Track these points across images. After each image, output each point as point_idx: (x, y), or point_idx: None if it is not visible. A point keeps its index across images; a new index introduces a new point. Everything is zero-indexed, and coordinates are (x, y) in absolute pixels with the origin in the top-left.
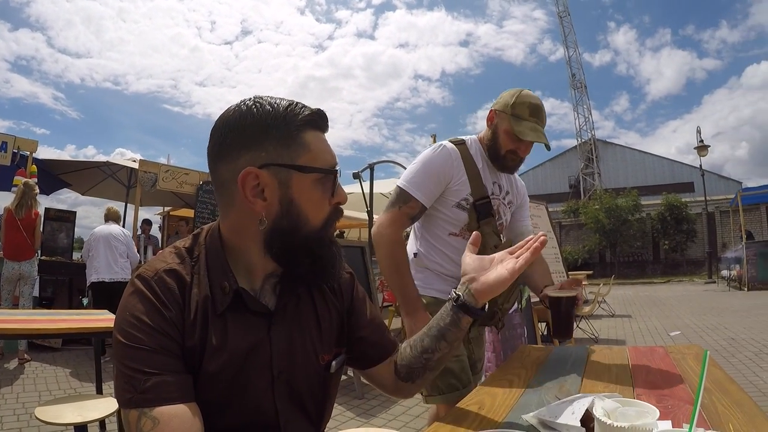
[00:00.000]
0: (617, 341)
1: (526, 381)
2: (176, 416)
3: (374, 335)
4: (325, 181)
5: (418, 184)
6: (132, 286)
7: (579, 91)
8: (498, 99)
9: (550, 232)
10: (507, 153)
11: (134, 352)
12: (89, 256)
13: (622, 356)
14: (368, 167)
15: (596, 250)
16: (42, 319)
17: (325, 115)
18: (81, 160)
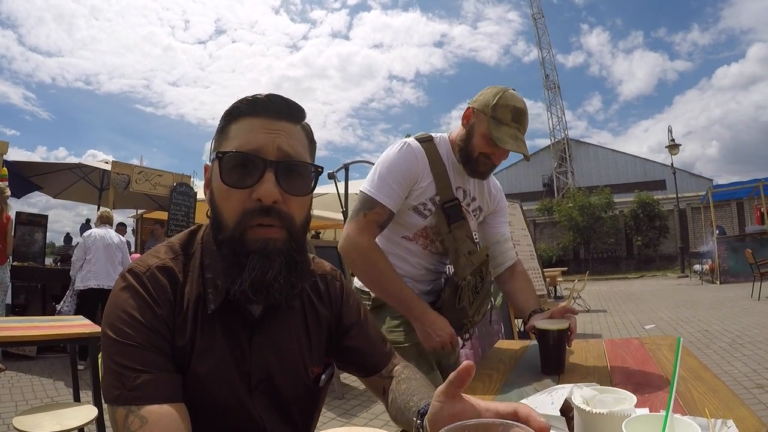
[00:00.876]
0: (593, 335)
1: (505, 375)
2: (164, 416)
3: (363, 347)
4: (233, 171)
5: (383, 187)
6: (123, 281)
7: (552, 91)
8: (478, 96)
9: (524, 230)
10: (480, 156)
11: (124, 348)
12: (86, 260)
13: (598, 349)
14: (343, 167)
15: (570, 247)
16: (15, 326)
17: (263, 99)
18: (52, 162)
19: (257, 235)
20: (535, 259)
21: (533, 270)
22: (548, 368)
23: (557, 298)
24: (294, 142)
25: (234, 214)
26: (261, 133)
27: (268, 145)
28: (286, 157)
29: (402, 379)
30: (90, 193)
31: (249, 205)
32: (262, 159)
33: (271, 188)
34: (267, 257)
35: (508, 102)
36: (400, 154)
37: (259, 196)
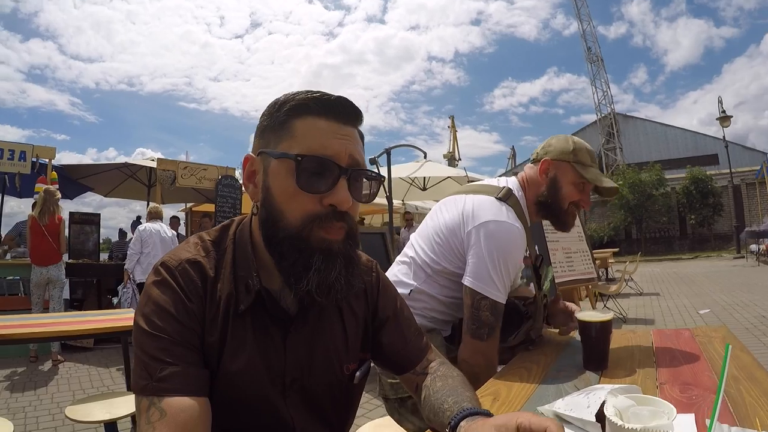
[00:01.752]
0: (646, 320)
1: (545, 369)
2: (184, 410)
3: (397, 342)
4: (309, 175)
5: (506, 285)
6: (156, 274)
7: (596, 65)
8: (546, 148)
9: None
10: (570, 206)
11: (154, 340)
12: (143, 253)
13: (646, 339)
14: (384, 152)
15: (622, 227)
16: (71, 321)
17: (333, 100)
18: (100, 164)
19: (323, 236)
20: (583, 241)
21: (582, 252)
22: (590, 363)
23: (609, 280)
24: (359, 148)
25: (301, 215)
26: (334, 139)
27: (341, 151)
28: (356, 164)
29: (438, 376)
30: (139, 190)
31: (319, 209)
32: (338, 166)
33: (347, 196)
34: (331, 258)
35: (584, 145)
36: (517, 246)
37: (334, 203)
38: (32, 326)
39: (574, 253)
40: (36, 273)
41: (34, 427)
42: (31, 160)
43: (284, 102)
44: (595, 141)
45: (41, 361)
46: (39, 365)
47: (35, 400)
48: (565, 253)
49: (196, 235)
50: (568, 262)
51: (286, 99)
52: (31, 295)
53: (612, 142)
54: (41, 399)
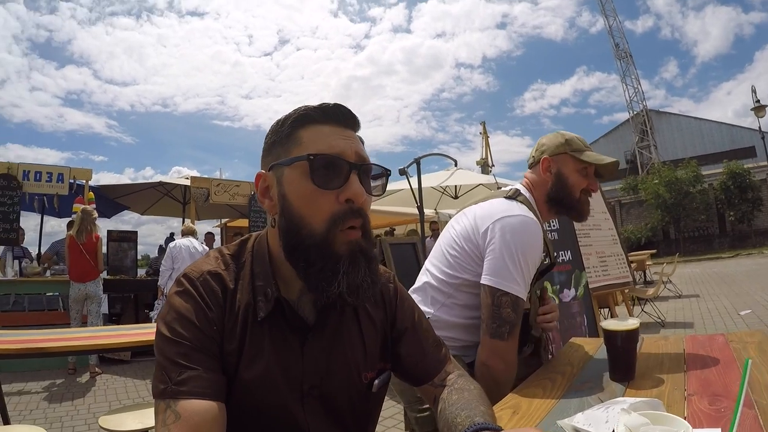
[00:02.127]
0: (684, 324)
1: (570, 380)
2: (199, 413)
3: (415, 353)
4: (323, 172)
5: (526, 280)
6: (179, 285)
7: (625, 61)
8: (540, 148)
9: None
10: (582, 194)
11: (174, 346)
12: (174, 269)
13: (677, 347)
14: (414, 162)
15: (659, 227)
16: (108, 334)
17: (332, 107)
18: (135, 183)
19: (346, 238)
20: (617, 244)
21: (616, 255)
22: (616, 373)
23: (647, 283)
24: (362, 147)
25: (323, 217)
26: (339, 139)
27: (347, 149)
28: (363, 160)
29: (455, 389)
30: (174, 208)
31: (338, 208)
32: (347, 161)
33: (361, 189)
34: (355, 259)
35: (573, 135)
36: (533, 236)
37: (350, 196)
38: (70, 340)
39: (608, 256)
40: (74, 289)
41: None
42: (68, 181)
43: (287, 117)
44: (629, 140)
45: (79, 373)
46: (77, 377)
47: (72, 410)
48: (599, 257)
49: (216, 249)
50: (602, 267)
51: (289, 114)
52: (70, 310)
53: (646, 140)
54: (78, 409)
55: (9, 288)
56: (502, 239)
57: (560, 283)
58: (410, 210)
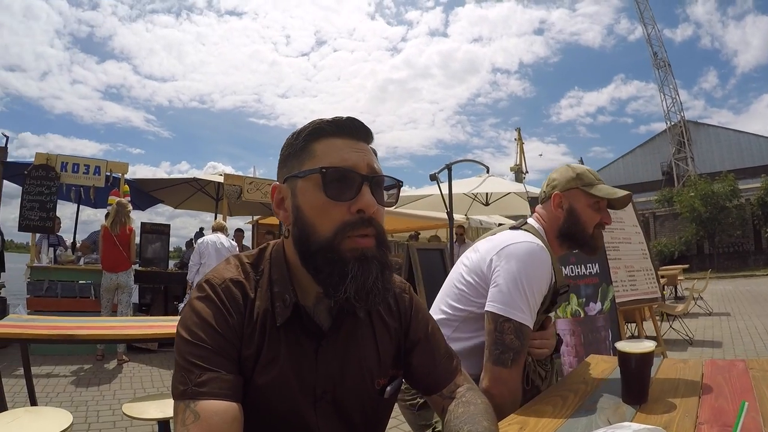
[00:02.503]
0: (713, 343)
1: (582, 399)
2: (217, 413)
3: (426, 364)
4: (335, 185)
5: (532, 308)
6: (200, 290)
7: (663, 70)
8: (550, 183)
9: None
10: (595, 230)
11: (194, 349)
12: (201, 263)
13: (696, 371)
14: (445, 167)
15: (693, 241)
16: (137, 325)
17: (345, 121)
18: (170, 178)
19: (355, 244)
20: (647, 259)
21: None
22: (629, 396)
23: (677, 299)
24: (375, 159)
25: (333, 225)
26: (351, 152)
27: (359, 162)
28: (375, 172)
29: (462, 401)
30: (207, 203)
31: (349, 217)
32: (359, 174)
33: (372, 200)
34: (366, 264)
35: (583, 169)
36: (539, 263)
37: (361, 207)
38: (100, 328)
39: (637, 271)
40: (106, 278)
41: (94, 420)
42: (105, 174)
43: (302, 130)
44: (665, 151)
45: (107, 360)
46: (105, 363)
47: (98, 395)
48: (627, 272)
49: (235, 257)
50: (630, 281)
51: (303, 128)
52: (101, 298)
53: (683, 151)
54: (104, 395)
55: (43, 274)
56: (507, 267)
57: (587, 296)
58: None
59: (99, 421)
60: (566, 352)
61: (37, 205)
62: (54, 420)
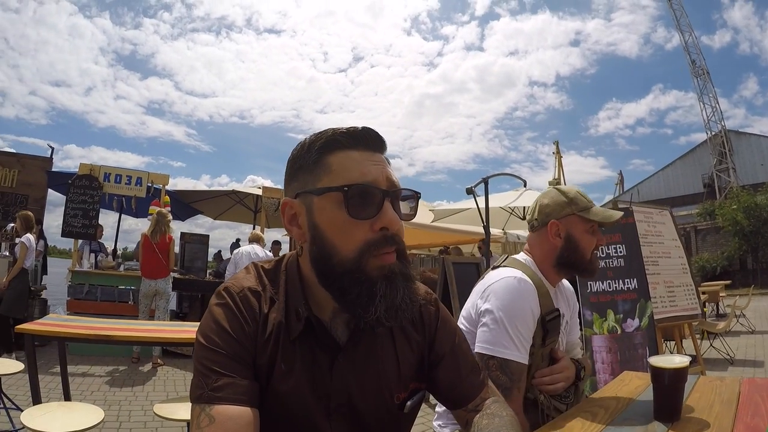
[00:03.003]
0: (755, 362)
1: (612, 415)
2: (232, 418)
3: (452, 379)
4: (357, 202)
5: (524, 345)
6: (219, 297)
7: (702, 78)
8: (542, 210)
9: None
10: (593, 255)
11: (212, 354)
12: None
13: (732, 389)
14: (482, 181)
15: (736, 256)
16: (171, 329)
17: (360, 131)
18: (209, 190)
19: (380, 262)
20: (688, 274)
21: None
22: (661, 413)
23: (719, 316)
24: (392, 171)
25: (356, 245)
26: (370, 165)
27: (379, 176)
28: (394, 186)
29: (486, 414)
30: (246, 215)
31: (372, 236)
32: (380, 189)
33: (395, 216)
34: (392, 282)
35: (574, 189)
36: (517, 295)
37: (385, 225)
38: (135, 330)
39: (677, 286)
40: (145, 285)
41: (125, 419)
42: (146, 185)
43: (313, 142)
44: (706, 162)
45: (142, 363)
46: (140, 366)
47: (131, 396)
48: (666, 287)
49: (254, 266)
50: (669, 297)
51: (314, 139)
52: (139, 303)
53: (724, 162)
54: (137, 395)
55: (84, 278)
56: (488, 306)
57: (624, 312)
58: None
59: (130, 420)
60: (602, 369)
61: (80, 213)
62: (86, 415)
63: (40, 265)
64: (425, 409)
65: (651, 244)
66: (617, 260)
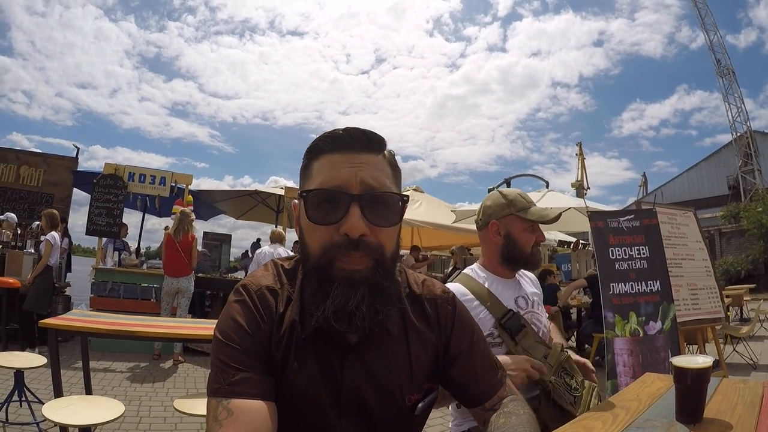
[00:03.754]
0: None
1: (633, 416)
2: (249, 411)
3: (468, 377)
4: (321, 207)
5: None
6: (237, 294)
7: (727, 78)
8: (485, 212)
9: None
10: (533, 248)
11: (228, 349)
12: None
13: (756, 392)
14: (504, 182)
15: (761, 260)
16: (191, 326)
17: (341, 134)
18: (232, 190)
19: (343, 265)
20: (711, 277)
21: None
22: (683, 414)
23: (743, 320)
24: (377, 173)
25: (320, 246)
26: (343, 168)
27: (351, 179)
28: (370, 189)
29: (504, 412)
30: (268, 215)
31: (336, 238)
32: (346, 194)
33: (357, 222)
34: (351, 286)
35: (515, 192)
36: None
37: (345, 231)
38: (156, 327)
39: (700, 289)
40: (167, 283)
41: (145, 414)
42: (170, 184)
43: (307, 148)
44: (731, 164)
45: (163, 359)
46: (161, 362)
47: (151, 392)
48: (690, 290)
49: (273, 263)
50: (693, 300)
51: (308, 146)
52: (162, 301)
53: (750, 163)
54: (157, 391)
55: (107, 276)
56: None
57: (646, 314)
58: None
59: (150, 415)
60: (623, 372)
61: (104, 212)
62: (105, 408)
63: (64, 263)
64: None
65: (675, 246)
66: (640, 262)
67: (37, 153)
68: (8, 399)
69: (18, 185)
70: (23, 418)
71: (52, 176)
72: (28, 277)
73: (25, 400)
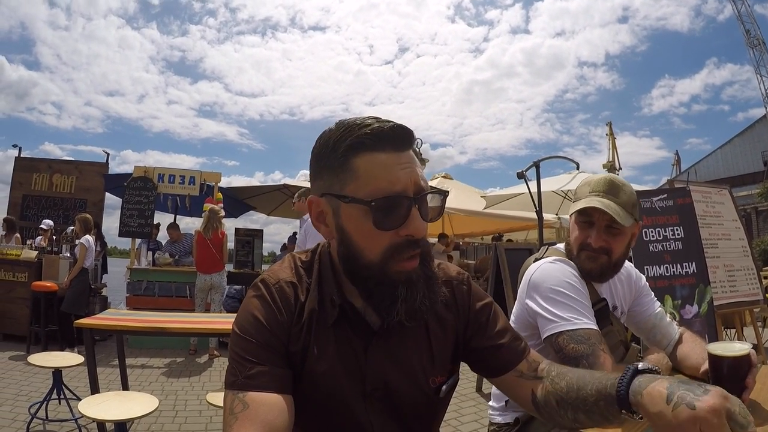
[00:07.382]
0: None
1: None
2: (265, 404)
3: (490, 346)
4: (384, 214)
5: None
6: (256, 289)
7: (757, 49)
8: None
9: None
10: (580, 251)
11: (247, 343)
12: None
13: None
14: (533, 165)
15: None
16: (226, 321)
17: (387, 131)
18: (260, 185)
19: (402, 267)
20: (749, 257)
21: (746, 270)
22: None
23: None
24: (420, 171)
25: (381, 250)
26: (399, 171)
27: (408, 182)
28: (421, 190)
29: (555, 376)
30: None
31: (396, 240)
32: (408, 198)
33: (422, 224)
34: (413, 286)
35: (586, 182)
36: (552, 272)
37: (410, 233)
38: (190, 322)
39: (737, 270)
40: (200, 279)
41: (181, 408)
42: (199, 183)
43: (338, 141)
44: (766, 139)
45: (199, 354)
46: (197, 357)
47: (187, 386)
48: (727, 271)
49: (291, 257)
50: (730, 282)
51: (339, 137)
52: (195, 298)
53: None
54: (193, 386)
55: (142, 275)
56: (535, 294)
57: (682, 297)
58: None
59: (186, 409)
60: None
61: (135, 213)
62: (140, 403)
63: (99, 265)
64: (478, 400)
65: (710, 226)
66: (675, 243)
67: (68, 161)
68: (47, 397)
69: (51, 192)
70: (62, 415)
71: (84, 182)
72: (64, 280)
73: (64, 397)
